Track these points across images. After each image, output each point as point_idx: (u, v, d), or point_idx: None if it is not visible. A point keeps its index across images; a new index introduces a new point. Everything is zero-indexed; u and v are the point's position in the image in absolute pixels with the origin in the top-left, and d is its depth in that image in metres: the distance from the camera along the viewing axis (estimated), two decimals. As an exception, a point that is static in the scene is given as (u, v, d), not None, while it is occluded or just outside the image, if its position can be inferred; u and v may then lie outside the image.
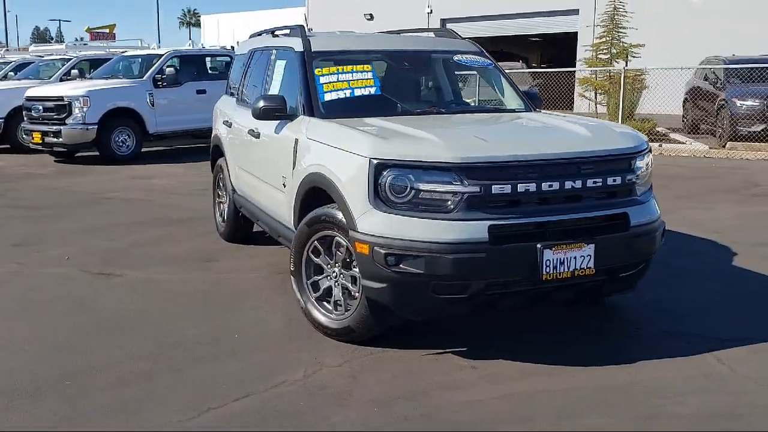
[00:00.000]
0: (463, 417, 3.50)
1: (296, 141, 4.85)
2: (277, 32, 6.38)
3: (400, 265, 3.87)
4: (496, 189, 3.88)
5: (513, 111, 5.52)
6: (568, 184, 4.03)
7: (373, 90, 5.19)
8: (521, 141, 4.29)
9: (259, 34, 7.08)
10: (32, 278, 5.97)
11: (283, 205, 5.12)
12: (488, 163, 3.90)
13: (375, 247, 3.93)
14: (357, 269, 4.18)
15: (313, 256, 4.58)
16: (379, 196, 3.96)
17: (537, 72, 21.74)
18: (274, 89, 5.69)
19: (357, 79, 5.19)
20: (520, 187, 3.92)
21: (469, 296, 4.00)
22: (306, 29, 5.67)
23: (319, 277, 4.58)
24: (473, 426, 3.42)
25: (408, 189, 3.91)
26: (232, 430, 3.41)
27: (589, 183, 4.09)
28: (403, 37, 6.02)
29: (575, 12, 27.81)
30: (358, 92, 5.14)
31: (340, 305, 4.45)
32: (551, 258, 3.91)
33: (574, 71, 19.47)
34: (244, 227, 6.91)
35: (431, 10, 32.36)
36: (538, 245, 3.88)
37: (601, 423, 3.44)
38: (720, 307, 5.08)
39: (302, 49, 5.35)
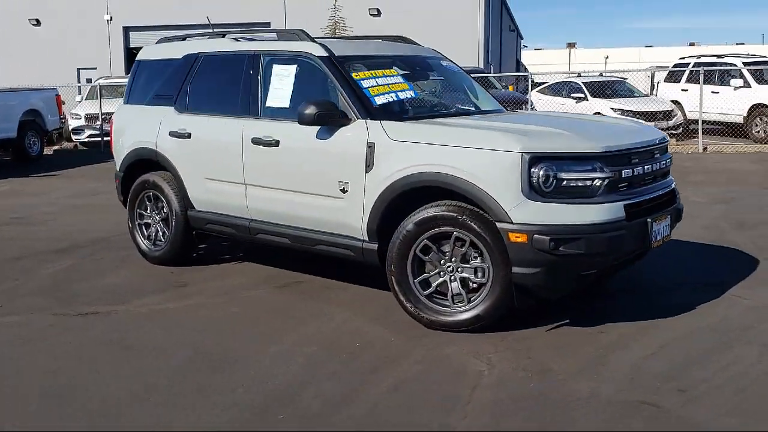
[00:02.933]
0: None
1: (371, 144, 4.83)
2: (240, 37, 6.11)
3: (560, 249, 4.24)
4: (624, 173, 4.47)
5: (502, 111, 6.06)
6: (656, 165, 4.79)
7: (411, 93, 5.36)
8: (614, 133, 4.89)
9: (183, 39, 6.61)
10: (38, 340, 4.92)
11: (340, 212, 5.04)
12: (619, 151, 4.48)
13: (535, 235, 4.24)
14: (485, 260, 4.41)
15: (421, 255, 4.66)
16: (532, 188, 4.28)
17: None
18: (280, 95, 5.48)
19: (394, 83, 5.31)
20: (636, 170, 4.57)
21: (600, 269, 4.55)
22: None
23: (429, 275, 4.67)
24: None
25: (557, 179, 4.29)
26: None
27: (662, 164, 4.89)
28: (393, 44, 6.17)
29: (267, 25, 28.65)
30: (402, 95, 5.27)
31: (460, 298, 4.62)
32: (656, 229, 4.63)
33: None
34: (192, 248, 6.40)
35: (111, 17, 30.66)
36: (648, 219, 4.56)
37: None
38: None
39: (326, 54, 5.29)
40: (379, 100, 5.12)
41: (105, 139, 18.11)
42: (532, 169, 4.27)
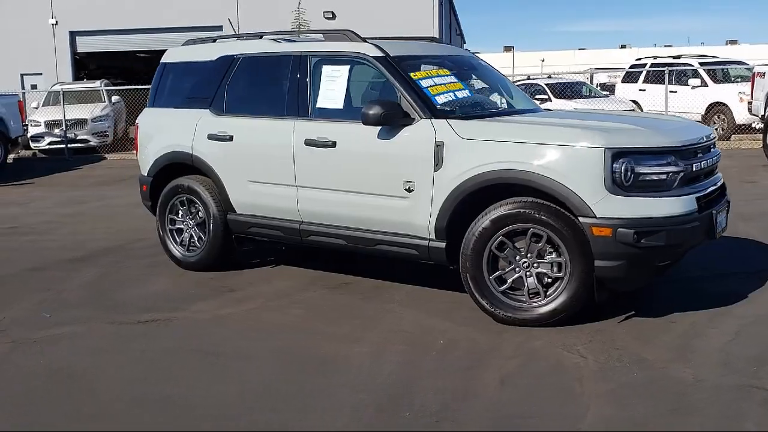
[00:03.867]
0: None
1: (440, 143, 4.87)
2: (266, 36, 6.07)
3: (642, 241, 4.37)
4: (695, 167, 4.63)
5: (540, 110, 6.17)
6: (713, 160, 4.97)
7: (467, 93, 5.42)
8: (678, 129, 5.04)
9: (213, 40, 6.52)
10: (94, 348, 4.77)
11: (404, 212, 5.06)
12: (691, 146, 4.64)
13: (620, 228, 4.35)
14: (562, 254, 4.51)
15: (497, 252, 4.72)
16: (615, 182, 4.39)
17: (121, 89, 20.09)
18: (332, 96, 5.47)
19: (450, 83, 5.36)
20: (703, 164, 4.73)
21: (674, 260, 4.70)
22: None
23: (505, 271, 4.74)
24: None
25: (636, 173, 4.41)
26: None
27: (716, 158, 5.08)
28: (437, 45, 6.20)
29: (219, 29, 28.26)
30: (459, 95, 5.32)
31: (536, 293, 4.69)
32: (719, 220, 4.80)
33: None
34: (231, 252, 6.32)
35: (56, 22, 29.79)
36: (714, 210, 4.73)
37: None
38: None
39: (382, 54, 5.31)
40: (440, 99, 5.17)
41: (70, 146, 17.63)
42: (615, 164, 4.38)
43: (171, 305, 5.44)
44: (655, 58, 20.76)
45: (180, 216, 6.42)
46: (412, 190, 5.00)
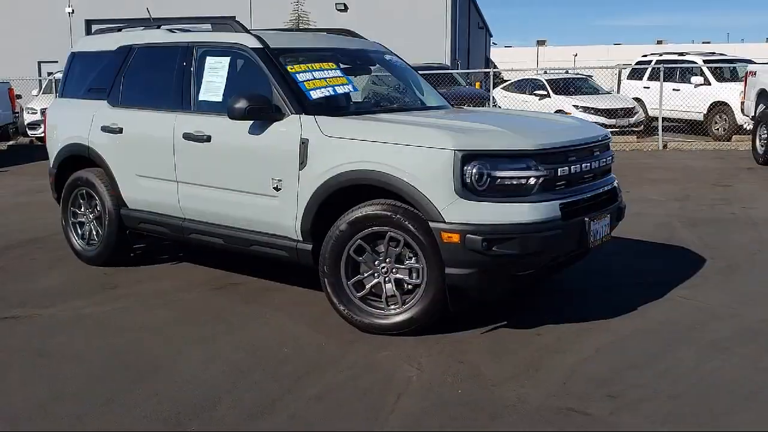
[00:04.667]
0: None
1: (305, 140, 4.64)
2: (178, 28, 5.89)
3: (493, 249, 4.09)
4: (560, 171, 4.33)
5: (446, 108, 5.90)
6: (595, 164, 4.67)
7: (350, 88, 5.18)
8: (552, 130, 4.75)
9: (118, 30, 6.36)
10: None
11: (273, 211, 4.85)
12: (555, 149, 4.34)
13: (468, 235, 4.08)
14: (419, 260, 4.27)
15: (355, 256, 4.49)
16: (465, 186, 4.12)
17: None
18: (213, 88, 5.27)
19: (332, 77, 5.12)
20: (573, 169, 4.43)
21: (535, 270, 4.41)
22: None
23: (364, 276, 4.50)
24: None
25: (491, 177, 4.14)
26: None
27: (602, 162, 4.77)
28: (336, 37, 5.97)
29: (231, 18, 28.20)
30: (339, 90, 5.08)
31: (394, 300, 4.45)
32: (594, 228, 4.50)
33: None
34: (128, 248, 6.16)
35: (72, 10, 30.09)
36: (586, 218, 4.43)
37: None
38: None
39: (260, 46, 5.09)
40: (315, 95, 4.93)
41: (60, 134, 17.68)
42: (465, 167, 4.11)
43: (46, 301, 5.30)
44: (661, 54, 20.18)
45: (81, 209, 6.29)
46: (280, 189, 4.79)
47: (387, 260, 4.44)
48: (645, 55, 20.99)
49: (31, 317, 4.96)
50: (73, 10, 30.13)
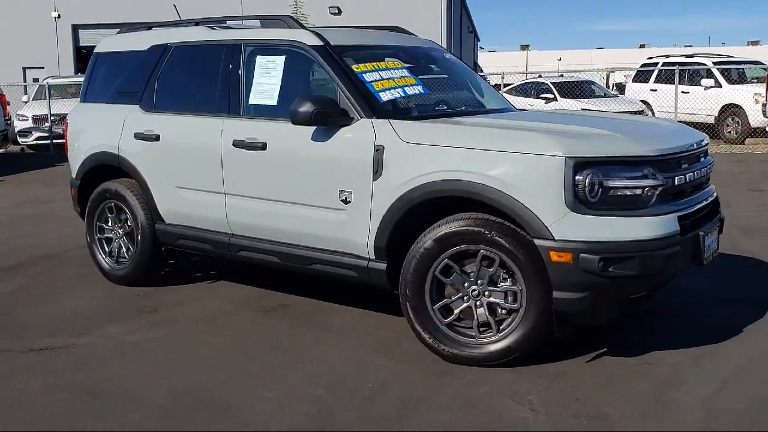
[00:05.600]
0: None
1: (380, 148, 4.14)
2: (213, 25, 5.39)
3: (610, 270, 3.62)
4: (678, 180, 3.86)
5: (513, 110, 5.42)
6: (703, 171, 4.20)
7: (419, 89, 4.68)
8: (661, 134, 4.27)
9: (149, 28, 5.83)
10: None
11: (340, 227, 4.34)
12: (672, 155, 3.87)
13: (582, 254, 3.60)
14: (517, 282, 3.79)
15: (442, 277, 3.99)
16: (577, 198, 3.64)
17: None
18: (265, 91, 4.76)
19: (400, 77, 4.63)
20: (687, 177, 3.96)
21: (649, 291, 3.94)
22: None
23: (452, 300, 4.01)
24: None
25: (604, 187, 3.66)
26: None
27: (707, 170, 4.31)
28: (396, 35, 5.46)
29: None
30: (409, 91, 4.59)
31: (488, 327, 3.96)
32: (707, 243, 4.03)
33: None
34: (161, 266, 5.62)
35: (59, 15, 29.32)
36: (700, 232, 3.96)
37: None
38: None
39: (321, 43, 4.59)
40: (385, 97, 4.44)
41: (55, 141, 17.05)
42: (578, 176, 3.63)
43: (78, 328, 4.75)
44: (667, 57, 19.87)
45: (109, 224, 5.74)
46: (349, 202, 4.28)
47: (478, 282, 3.94)
48: (650, 58, 20.68)
49: (67, 348, 4.41)
50: (59, 15, 29.35)
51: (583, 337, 4.23)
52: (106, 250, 5.76)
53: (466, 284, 3.97)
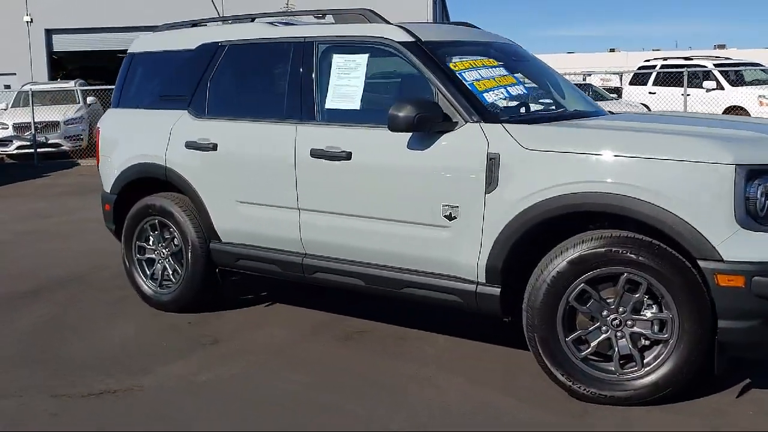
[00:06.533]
0: None
1: (494, 156, 3.63)
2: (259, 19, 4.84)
3: (786, 294, 3.15)
4: None
5: (601, 113, 4.93)
6: None
7: (521, 89, 4.19)
8: None
9: (193, 25, 5.26)
10: None
11: (443, 246, 3.83)
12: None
13: (756, 277, 3.13)
14: (669, 308, 3.31)
15: (576, 304, 3.49)
16: (749, 212, 3.17)
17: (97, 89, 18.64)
18: (345, 94, 4.22)
19: (500, 76, 4.14)
20: None
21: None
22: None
23: (587, 330, 3.50)
24: None
25: (778, 200, 3.19)
26: None
27: None
28: (469, 30, 4.93)
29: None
30: (512, 92, 4.09)
31: (628, 360, 3.47)
32: None
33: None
34: (214, 290, 5.04)
35: (31, 19, 28.32)
36: None
37: None
38: None
39: (412, 39, 4.07)
40: (489, 98, 3.94)
41: (39, 150, 16.25)
42: (749, 188, 3.15)
43: (134, 365, 4.16)
44: (665, 59, 19.68)
45: (151, 243, 5.14)
46: (455, 218, 3.76)
47: (620, 310, 3.44)
48: (647, 60, 20.48)
49: (131, 391, 3.82)
50: (31, 19, 28.33)
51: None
52: (147, 272, 5.16)
53: (604, 312, 3.47)
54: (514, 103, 4.10)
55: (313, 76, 4.34)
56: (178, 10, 25.65)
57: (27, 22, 28.31)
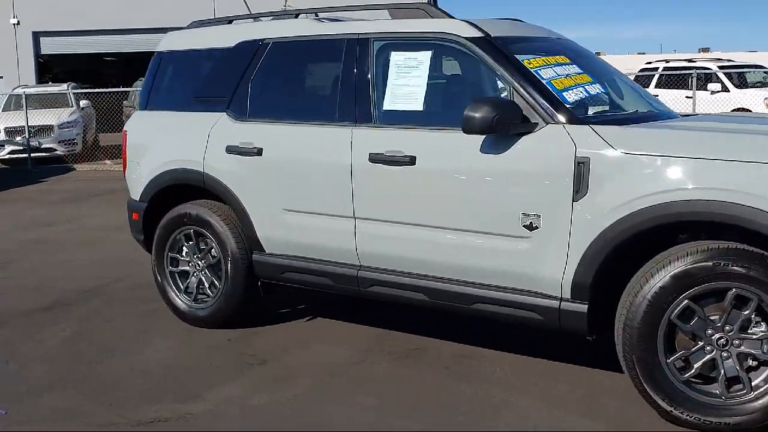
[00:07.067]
0: None
1: (583, 160, 3.34)
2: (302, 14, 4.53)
3: None
4: None
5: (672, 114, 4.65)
6: None
7: (599, 88, 3.90)
8: None
9: (229, 21, 4.94)
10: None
11: (522, 258, 3.54)
12: None
13: None
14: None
15: (679, 322, 3.20)
16: None
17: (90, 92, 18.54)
18: (406, 94, 3.92)
19: (575, 74, 3.85)
20: None
21: None
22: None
23: (690, 351, 3.22)
24: None
25: None
26: None
27: None
28: (525, 25, 4.62)
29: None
30: (591, 90, 3.80)
31: (737, 384, 3.18)
32: None
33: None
34: (254, 304, 4.72)
35: (18, 22, 27.78)
36: None
37: None
38: None
39: (480, 34, 3.78)
40: (570, 97, 3.65)
41: (33, 155, 15.80)
42: None
43: (183, 389, 3.83)
44: (667, 61, 19.54)
45: (184, 254, 4.80)
46: (536, 227, 3.47)
47: (726, 328, 3.16)
48: (649, 62, 20.34)
49: (184, 419, 3.49)
50: (18, 22, 27.79)
51: None
52: (181, 286, 4.82)
53: (709, 331, 3.18)
54: (595, 104, 3.81)
55: (369, 75, 4.04)
56: (168, 13, 25.34)
57: (14, 24, 27.79)
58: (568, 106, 3.56)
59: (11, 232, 8.60)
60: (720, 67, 17.43)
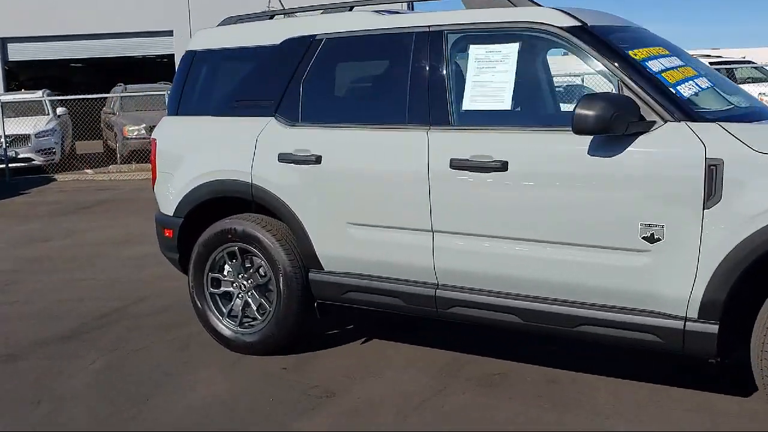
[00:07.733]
0: None
1: (716, 162, 2.96)
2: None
3: None
4: None
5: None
6: None
7: (707, 82, 3.53)
8: None
9: (270, 17, 4.49)
10: None
11: (639, 274, 3.15)
12: None
13: None
14: None
15: (833, 344, 2.83)
16: None
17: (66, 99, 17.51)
18: (491, 92, 3.51)
19: (681, 66, 3.48)
20: None
21: None
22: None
23: None
24: None
25: None
26: None
27: None
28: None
29: (169, 33, 25.75)
30: (701, 84, 3.43)
31: None
32: None
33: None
34: (307, 328, 4.27)
35: (-15, 28, 26.82)
36: None
37: None
38: None
39: (577, 24, 3.39)
40: (684, 92, 3.26)
41: (11, 165, 15.06)
42: None
43: (252, 429, 3.36)
44: (656, 58, 19.38)
45: (227, 274, 4.33)
46: (658, 239, 3.08)
47: None
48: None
49: (265, 469, 3.03)
50: (-14, 28, 26.84)
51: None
52: (224, 309, 4.35)
53: None
54: (711, 99, 3.43)
55: (444, 72, 3.62)
56: (141, 18, 24.67)
57: (-22, 31, 26.83)
58: (686, 101, 3.18)
59: (7, 250, 8.00)
60: (712, 63, 17.30)
